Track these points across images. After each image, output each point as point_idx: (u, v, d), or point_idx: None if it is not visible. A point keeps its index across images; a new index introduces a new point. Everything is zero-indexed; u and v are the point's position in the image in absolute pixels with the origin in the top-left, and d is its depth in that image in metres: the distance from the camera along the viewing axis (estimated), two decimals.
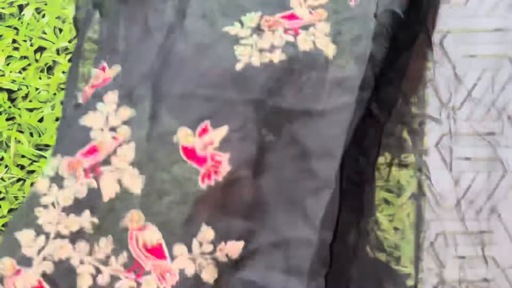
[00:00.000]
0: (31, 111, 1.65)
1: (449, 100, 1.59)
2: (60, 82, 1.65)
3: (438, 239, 1.68)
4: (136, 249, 0.93)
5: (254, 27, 0.98)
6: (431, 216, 1.68)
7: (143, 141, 1.00)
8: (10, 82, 1.66)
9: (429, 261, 1.73)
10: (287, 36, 0.97)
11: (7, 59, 1.64)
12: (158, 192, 0.95)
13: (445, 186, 1.67)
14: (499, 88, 1.58)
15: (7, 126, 1.66)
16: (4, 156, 1.66)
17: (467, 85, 1.58)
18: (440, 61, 1.58)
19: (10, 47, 1.64)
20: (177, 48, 1.03)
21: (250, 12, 0.99)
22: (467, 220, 1.69)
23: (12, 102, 1.66)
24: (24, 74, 1.65)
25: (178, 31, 1.02)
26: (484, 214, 1.67)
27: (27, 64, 1.65)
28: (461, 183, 1.65)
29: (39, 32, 1.64)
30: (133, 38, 1.12)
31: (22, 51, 1.64)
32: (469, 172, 1.66)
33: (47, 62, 1.64)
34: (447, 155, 1.63)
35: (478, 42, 1.57)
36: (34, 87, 1.65)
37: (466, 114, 1.58)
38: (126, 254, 0.96)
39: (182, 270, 0.91)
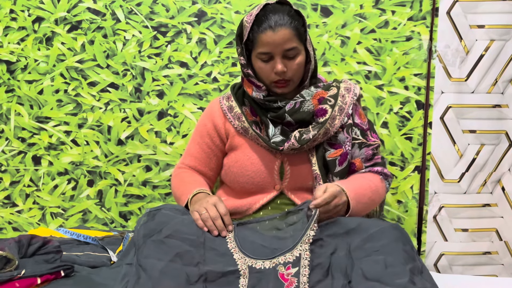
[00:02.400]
0: (30, 83, 1.63)
1: (454, 72, 1.56)
2: (59, 53, 1.62)
3: (441, 212, 1.68)
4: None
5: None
6: (435, 189, 1.67)
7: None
8: (8, 53, 1.63)
9: (432, 234, 1.73)
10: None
11: (5, 30, 1.61)
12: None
13: (449, 159, 1.66)
14: (505, 60, 1.55)
15: (7, 98, 1.64)
16: (4, 128, 1.65)
17: (474, 56, 1.55)
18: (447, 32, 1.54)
19: (8, 18, 1.61)
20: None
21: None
22: (471, 193, 1.68)
23: (11, 74, 1.63)
24: (23, 45, 1.62)
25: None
26: (488, 187, 1.66)
27: (26, 35, 1.62)
28: (466, 156, 1.64)
29: (36, 2, 1.60)
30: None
31: (20, 22, 1.61)
32: (474, 145, 1.64)
33: (46, 32, 1.61)
34: (452, 127, 1.61)
35: (486, 12, 1.54)
36: (33, 59, 1.62)
37: (472, 86, 1.55)
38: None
39: None
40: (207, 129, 1.32)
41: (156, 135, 1.64)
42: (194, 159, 1.33)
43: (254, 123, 1.26)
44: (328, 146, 1.24)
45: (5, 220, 1.67)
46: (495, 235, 1.65)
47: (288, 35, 1.16)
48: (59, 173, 1.66)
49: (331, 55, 1.59)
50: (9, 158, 1.66)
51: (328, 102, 1.23)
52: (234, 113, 1.28)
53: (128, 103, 1.63)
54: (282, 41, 1.16)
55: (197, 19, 1.60)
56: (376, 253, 0.98)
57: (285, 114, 1.22)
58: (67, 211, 1.66)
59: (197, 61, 1.62)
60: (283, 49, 1.17)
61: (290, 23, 1.17)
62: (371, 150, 1.27)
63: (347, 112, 1.25)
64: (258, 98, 1.24)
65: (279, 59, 1.18)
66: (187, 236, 1.04)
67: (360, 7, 1.57)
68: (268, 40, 1.16)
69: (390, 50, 1.58)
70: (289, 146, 1.20)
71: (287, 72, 1.19)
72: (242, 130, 1.27)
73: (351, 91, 1.28)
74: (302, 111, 1.22)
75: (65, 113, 1.64)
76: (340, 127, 1.23)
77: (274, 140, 1.23)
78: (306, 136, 1.20)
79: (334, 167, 1.23)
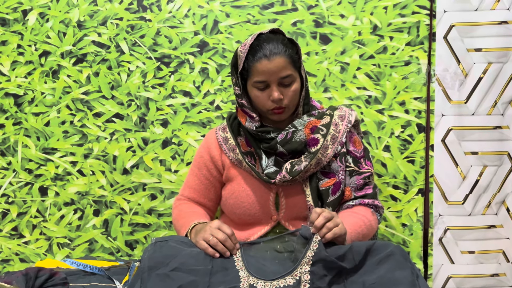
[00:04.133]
0: (37, 115, 1.67)
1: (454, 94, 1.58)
2: (65, 85, 1.66)
3: (446, 234, 1.67)
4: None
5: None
6: (439, 211, 1.67)
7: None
8: (16, 87, 1.67)
9: (438, 256, 1.72)
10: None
11: (12, 64, 1.66)
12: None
13: (452, 181, 1.67)
14: (504, 82, 1.57)
15: (14, 131, 1.67)
16: (12, 160, 1.68)
17: (472, 79, 1.57)
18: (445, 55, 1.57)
19: (15, 52, 1.65)
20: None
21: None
22: (476, 215, 1.68)
23: (18, 106, 1.67)
24: (30, 78, 1.66)
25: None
26: (493, 209, 1.66)
27: (32, 68, 1.66)
28: (469, 178, 1.64)
29: (43, 36, 1.65)
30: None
31: (27, 56, 1.65)
32: (477, 167, 1.65)
33: (52, 66, 1.65)
34: (454, 149, 1.62)
35: (482, 35, 1.57)
36: (39, 91, 1.66)
37: (472, 108, 1.57)
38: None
39: None
40: (204, 161, 1.33)
41: (160, 164, 1.66)
42: (193, 191, 1.35)
43: (249, 154, 1.27)
44: (322, 175, 1.24)
45: (12, 251, 1.68)
46: (502, 256, 1.64)
47: (283, 63, 1.18)
48: (65, 203, 1.67)
49: (331, 81, 1.62)
50: (16, 189, 1.68)
51: (320, 132, 1.23)
52: (228, 144, 1.29)
53: (133, 133, 1.66)
54: (277, 69, 1.18)
55: (199, 49, 1.64)
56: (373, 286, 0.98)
57: (277, 145, 1.22)
58: (74, 241, 1.67)
59: (200, 90, 1.65)
60: (278, 77, 1.19)
61: (285, 51, 1.19)
62: (362, 179, 1.26)
63: (341, 140, 1.24)
64: (250, 129, 1.25)
65: (275, 86, 1.19)
66: (194, 268, 1.05)
67: (358, 34, 1.61)
68: (264, 69, 1.18)
69: (389, 75, 1.61)
70: (280, 178, 1.20)
71: (283, 99, 1.20)
72: (236, 162, 1.28)
73: (345, 118, 1.27)
74: (294, 141, 1.22)
75: (71, 144, 1.67)
76: (333, 156, 1.23)
77: (268, 171, 1.23)
78: (297, 167, 1.20)
79: (328, 196, 1.22)
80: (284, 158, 1.25)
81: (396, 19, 1.60)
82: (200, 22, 1.63)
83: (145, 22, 1.64)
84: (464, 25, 1.57)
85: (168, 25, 1.64)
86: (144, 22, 1.64)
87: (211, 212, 1.38)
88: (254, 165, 1.25)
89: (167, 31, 1.64)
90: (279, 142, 1.22)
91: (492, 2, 1.56)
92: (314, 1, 1.61)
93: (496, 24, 1.56)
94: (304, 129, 1.23)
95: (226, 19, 1.63)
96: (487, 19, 1.56)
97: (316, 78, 1.62)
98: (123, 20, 1.64)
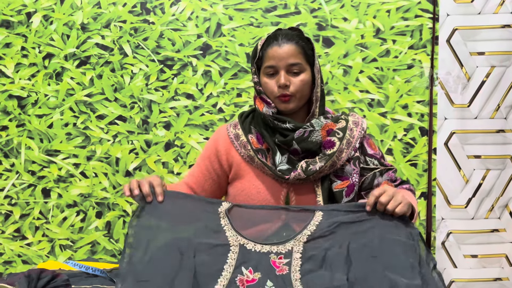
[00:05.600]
0: (40, 117, 1.67)
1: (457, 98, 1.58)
2: (69, 88, 1.66)
3: (449, 238, 1.67)
4: None
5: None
6: (442, 215, 1.67)
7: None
8: (19, 89, 1.67)
9: (441, 260, 1.72)
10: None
11: (16, 66, 1.66)
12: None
13: (455, 184, 1.66)
14: (507, 85, 1.56)
15: (18, 133, 1.68)
16: (15, 162, 1.68)
17: (475, 83, 1.57)
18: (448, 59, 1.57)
19: (19, 55, 1.66)
20: None
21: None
22: (478, 218, 1.68)
23: (22, 108, 1.67)
24: (33, 80, 1.67)
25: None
26: (495, 212, 1.65)
27: (36, 71, 1.67)
28: (472, 181, 1.64)
29: (47, 39, 1.65)
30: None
31: (30, 58, 1.66)
32: (479, 170, 1.64)
33: (56, 68, 1.66)
34: (456, 153, 1.62)
35: (485, 39, 1.57)
36: (43, 94, 1.67)
37: (475, 112, 1.57)
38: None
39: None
40: (208, 153, 1.34)
41: (163, 166, 1.66)
42: (191, 177, 1.36)
43: (260, 151, 1.28)
44: (335, 178, 1.24)
45: (15, 253, 1.68)
46: (505, 261, 1.63)
47: (293, 50, 1.20)
48: (68, 205, 1.68)
49: (334, 84, 1.62)
50: (19, 191, 1.69)
51: (337, 135, 1.24)
52: (240, 141, 1.29)
53: (135, 135, 1.66)
54: (287, 55, 1.20)
55: (202, 52, 1.64)
56: (374, 259, 0.99)
57: (293, 141, 1.23)
58: (76, 243, 1.68)
59: (202, 92, 1.65)
60: (287, 63, 1.20)
61: (297, 41, 1.21)
62: (392, 172, 1.28)
63: (354, 146, 1.25)
64: (267, 114, 1.25)
65: (283, 72, 1.21)
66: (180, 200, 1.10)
67: (361, 37, 1.61)
68: (274, 54, 1.20)
69: (392, 78, 1.61)
70: (295, 175, 1.21)
71: (290, 86, 1.21)
72: (248, 159, 1.28)
73: (359, 125, 1.28)
74: (309, 141, 1.23)
75: (74, 146, 1.67)
76: (346, 160, 1.24)
77: (281, 168, 1.24)
78: (312, 167, 1.21)
79: (341, 198, 1.23)
80: (297, 157, 1.25)
81: (399, 23, 1.60)
82: (203, 25, 1.64)
83: (148, 24, 1.64)
84: (467, 28, 1.56)
85: (171, 28, 1.64)
86: (148, 24, 1.64)
87: None
88: (266, 162, 1.26)
89: (170, 33, 1.64)
90: (296, 139, 1.23)
91: (495, 5, 1.55)
92: (317, 4, 1.61)
93: (499, 28, 1.56)
94: (321, 130, 1.24)
95: (229, 22, 1.63)
96: (490, 23, 1.56)
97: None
98: (127, 22, 1.64)
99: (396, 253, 1.00)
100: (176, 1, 1.63)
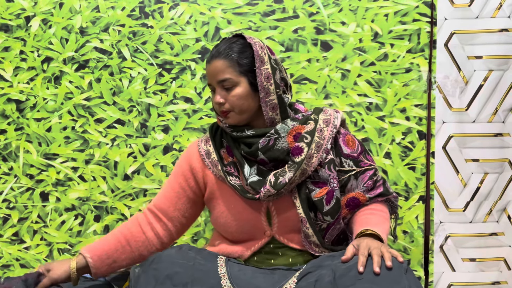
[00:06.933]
0: (39, 121, 1.67)
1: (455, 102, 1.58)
2: (67, 91, 1.66)
3: (447, 242, 1.67)
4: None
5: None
6: (440, 218, 1.67)
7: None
8: (18, 92, 1.68)
9: (439, 264, 1.72)
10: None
11: (15, 70, 1.67)
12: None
13: (453, 188, 1.67)
14: (504, 89, 1.57)
15: (16, 136, 1.68)
16: (13, 166, 1.68)
17: (473, 87, 1.58)
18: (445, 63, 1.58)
19: (18, 58, 1.66)
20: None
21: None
22: (477, 222, 1.68)
23: (20, 112, 1.68)
24: (32, 84, 1.67)
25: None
26: (494, 216, 1.66)
27: (35, 74, 1.67)
28: (470, 185, 1.64)
29: (46, 42, 1.66)
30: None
31: (29, 62, 1.66)
32: (478, 174, 1.65)
33: (54, 72, 1.66)
34: (455, 157, 1.62)
35: (483, 43, 1.57)
36: (41, 97, 1.67)
37: (473, 115, 1.57)
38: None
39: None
40: (183, 170, 1.28)
41: (161, 170, 1.66)
42: (161, 198, 1.28)
43: (232, 164, 1.23)
44: (313, 185, 1.19)
45: (13, 257, 1.68)
46: (503, 264, 1.63)
47: (220, 66, 1.17)
48: (66, 209, 1.68)
49: (332, 88, 1.62)
50: (18, 195, 1.69)
51: (304, 140, 1.18)
52: (211, 159, 1.25)
53: (134, 139, 1.66)
54: (215, 71, 1.18)
55: (201, 55, 1.64)
56: (360, 282, 0.94)
57: (258, 151, 1.18)
58: (74, 247, 1.67)
59: (201, 96, 1.65)
60: (217, 80, 1.18)
61: (226, 54, 1.17)
62: (369, 179, 1.22)
63: (326, 148, 1.18)
64: (224, 127, 1.23)
65: (218, 89, 1.19)
66: (178, 260, 1.06)
67: (359, 41, 1.61)
68: (207, 72, 1.21)
69: (390, 82, 1.61)
70: (265, 193, 1.15)
71: (225, 103, 1.18)
72: (220, 178, 1.24)
73: (330, 123, 1.21)
74: (275, 149, 1.18)
75: (73, 149, 1.67)
76: (318, 164, 1.18)
77: (251, 180, 1.19)
78: (282, 179, 1.15)
79: (322, 206, 1.17)
80: (266, 167, 1.20)
81: (397, 27, 1.61)
82: (201, 29, 1.64)
83: (147, 28, 1.65)
84: (464, 32, 1.57)
85: (170, 32, 1.64)
86: (146, 28, 1.65)
87: (173, 226, 1.28)
88: (238, 179, 1.21)
89: (169, 37, 1.65)
90: (260, 148, 1.18)
91: (492, 9, 1.56)
92: (315, 8, 1.62)
93: (496, 32, 1.56)
94: (287, 136, 1.19)
95: (227, 26, 1.63)
96: (488, 27, 1.56)
97: (317, 85, 1.62)
98: (125, 26, 1.65)
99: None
100: (175, 5, 1.64)
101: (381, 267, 0.95)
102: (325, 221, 1.18)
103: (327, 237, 1.21)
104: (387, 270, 0.95)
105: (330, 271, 0.98)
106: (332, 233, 1.21)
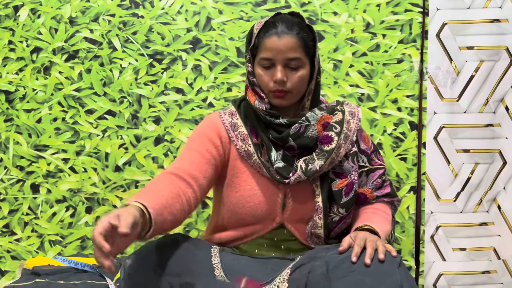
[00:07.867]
0: (28, 112, 1.66)
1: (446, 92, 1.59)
2: (57, 82, 1.65)
3: (438, 232, 1.68)
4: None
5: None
6: (431, 209, 1.68)
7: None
8: (7, 83, 1.66)
9: (430, 254, 1.73)
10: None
11: (3, 61, 1.64)
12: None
13: (444, 178, 1.67)
14: (495, 80, 1.57)
15: (5, 128, 1.66)
16: (3, 157, 1.67)
17: (464, 77, 1.58)
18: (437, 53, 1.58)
19: (6, 48, 1.64)
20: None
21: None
22: (467, 212, 1.69)
23: (9, 103, 1.66)
24: (21, 75, 1.65)
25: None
26: (484, 206, 1.67)
27: (24, 65, 1.65)
28: (461, 175, 1.65)
29: (34, 32, 1.63)
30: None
31: (18, 52, 1.64)
32: (468, 164, 1.65)
33: (44, 62, 1.64)
34: (446, 147, 1.63)
35: (474, 33, 1.57)
36: (31, 88, 1.65)
37: (464, 106, 1.58)
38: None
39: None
40: (210, 137, 1.17)
41: (153, 161, 1.65)
42: (188, 163, 1.14)
43: (255, 146, 1.17)
44: (334, 176, 1.17)
45: (3, 248, 1.67)
46: (493, 254, 1.65)
47: (293, 43, 1.10)
48: (57, 200, 1.67)
49: (324, 78, 1.62)
50: (8, 186, 1.67)
51: (334, 129, 1.16)
52: (238, 132, 1.17)
53: (125, 130, 1.65)
54: (285, 48, 1.10)
55: (192, 46, 1.63)
56: (353, 274, 0.94)
57: (288, 138, 1.14)
58: (66, 239, 1.67)
59: (192, 87, 1.64)
60: (285, 57, 1.10)
61: (298, 33, 1.11)
62: (379, 178, 1.22)
63: (352, 139, 1.18)
64: (260, 109, 1.15)
65: (280, 67, 1.11)
66: (171, 250, 1.05)
67: (351, 32, 1.61)
68: (272, 46, 1.10)
69: (382, 72, 1.61)
70: (295, 178, 1.12)
71: (287, 82, 1.11)
72: (245, 154, 1.17)
73: (355, 116, 1.20)
74: (305, 136, 1.15)
75: (63, 141, 1.66)
76: (344, 156, 1.17)
77: (278, 166, 1.15)
78: (312, 166, 1.13)
79: (340, 198, 1.16)
80: (291, 153, 1.17)
81: (389, 17, 1.60)
82: (192, 19, 1.63)
83: (137, 18, 1.63)
84: (456, 23, 1.57)
85: (161, 22, 1.63)
86: (137, 18, 1.63)
87: (199, 194, 1.13)
88: (265, 161, 1.16)
89: (159, 27, 1.63)
90: (291, 135, 1.14)
91: (484, 0, 1.56)
92: None
93: (488, 22, 1.56)
94: (317, 124, 1.16)
95: (219, 16, 1.62)
96: (480, 17, 1.56)
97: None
98: (115, 16, 1.63)
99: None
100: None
101: (373, 259, 0.95)
102: (338, 214, 1.16)
103: (335, 230, 1.18)
104: (379, 263, 0.94)
105: (323, 263, 0.98)
106: (341, 227, 1.19)
